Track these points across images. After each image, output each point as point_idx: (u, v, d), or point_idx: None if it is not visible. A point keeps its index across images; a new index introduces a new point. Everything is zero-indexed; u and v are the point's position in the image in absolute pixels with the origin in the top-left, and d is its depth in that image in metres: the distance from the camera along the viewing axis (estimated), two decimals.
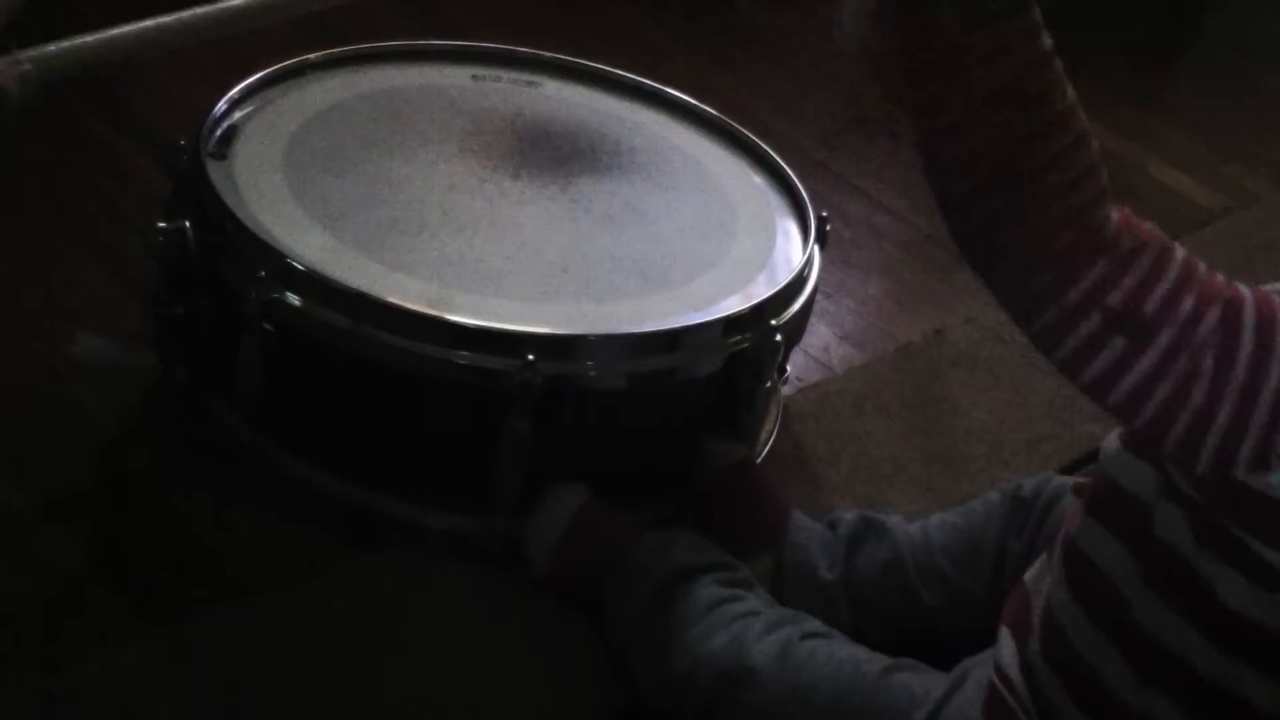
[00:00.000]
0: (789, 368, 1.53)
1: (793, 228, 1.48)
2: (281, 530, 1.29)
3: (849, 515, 1.31)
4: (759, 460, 1.43)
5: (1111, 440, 0.98)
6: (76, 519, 1.28)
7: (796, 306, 1.37)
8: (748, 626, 1.15)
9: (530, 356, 1.20)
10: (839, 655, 1.12)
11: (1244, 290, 0.86)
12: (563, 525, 1.27)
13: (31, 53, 0.93)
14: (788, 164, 1.55)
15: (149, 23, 1.08)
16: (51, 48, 0.97)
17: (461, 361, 1.21)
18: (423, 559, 1.29)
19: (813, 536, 1.29)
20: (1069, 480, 1.23)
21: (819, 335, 1.67)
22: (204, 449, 1.34)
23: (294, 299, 1.22)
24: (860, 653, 1.13)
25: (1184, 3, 2.96)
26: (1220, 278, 0.86)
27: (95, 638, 1.17)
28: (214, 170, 1.31)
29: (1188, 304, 0.84)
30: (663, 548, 1.23)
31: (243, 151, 1.36)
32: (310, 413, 1.31)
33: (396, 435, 1.29)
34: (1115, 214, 0.86)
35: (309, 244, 1.27)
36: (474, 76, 1.60)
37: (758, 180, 1.55)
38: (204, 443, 1.34)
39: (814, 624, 1.17)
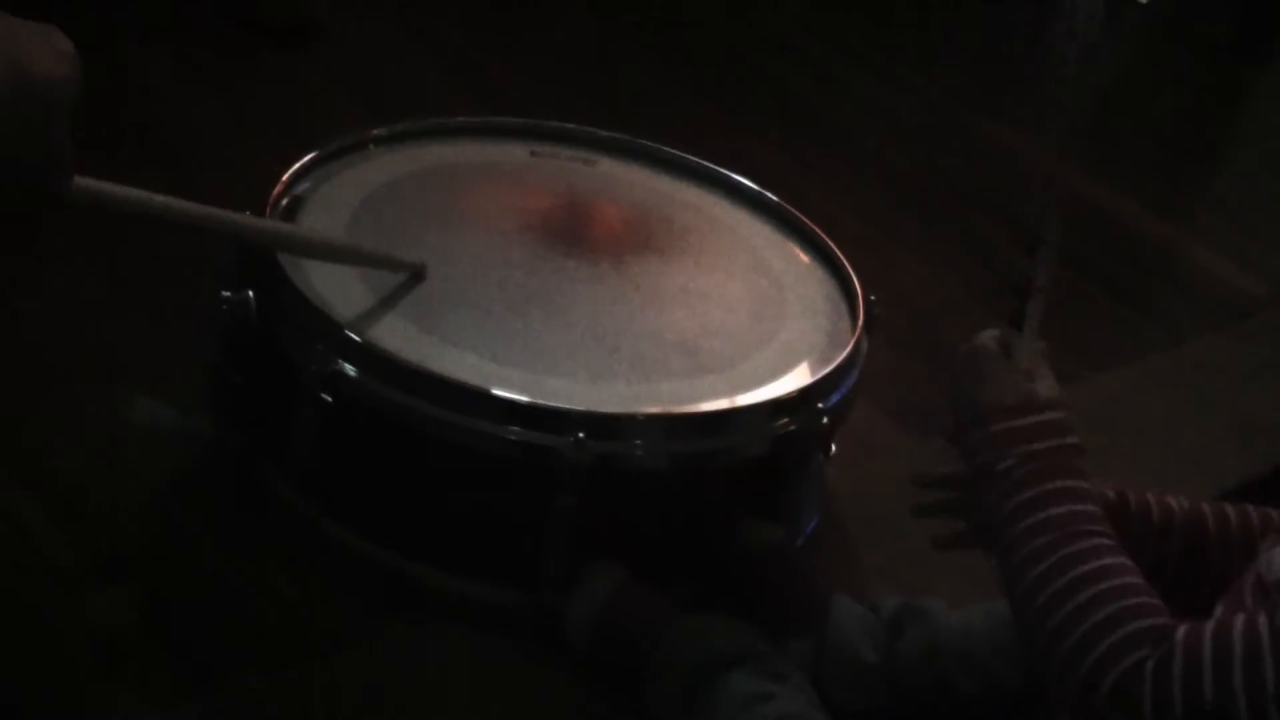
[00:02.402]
0: (834, 447, 1.54)
1: (842, 309, 1.50)
2: (327, 598, 1.30)
3: (891, 601, 1.31)
4: (801, 542, 1.44)
5: None
6: (125, 580, 1.29)
7: (844, 390, 1.38)
8: None
9: (580, 434, 1.22)
10: None
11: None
12: (600, 605, 1.28)
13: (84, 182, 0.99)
14: (836, 244, 1.57)
15: (203, 208, 1.15)
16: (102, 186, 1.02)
17: (512, 438, 1.23)
18: (466, 632, 1.30)
19: (855, 618, 1.30)
20: None
21: (863, 415, 1.67)
22: (255, 515, 1.36)
23: (351, 371, 1.25)
24: None
25: (1229, 89, 2.97)
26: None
27: (142, 701, 1.18)
28: None
29: None
30: (698, 632, 1.24)
31: (306, 223, 1.40)
32: (361, 482, 1.33)
33: (445, 507, 1.30)
34: None
35: (367, 317, 1.30)
36: (532, 153, 1.63)
37: (807, 261, 1.57)
38: (255, 509, 1.36)
39: None
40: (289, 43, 2.17)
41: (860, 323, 1.44)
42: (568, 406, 1.24)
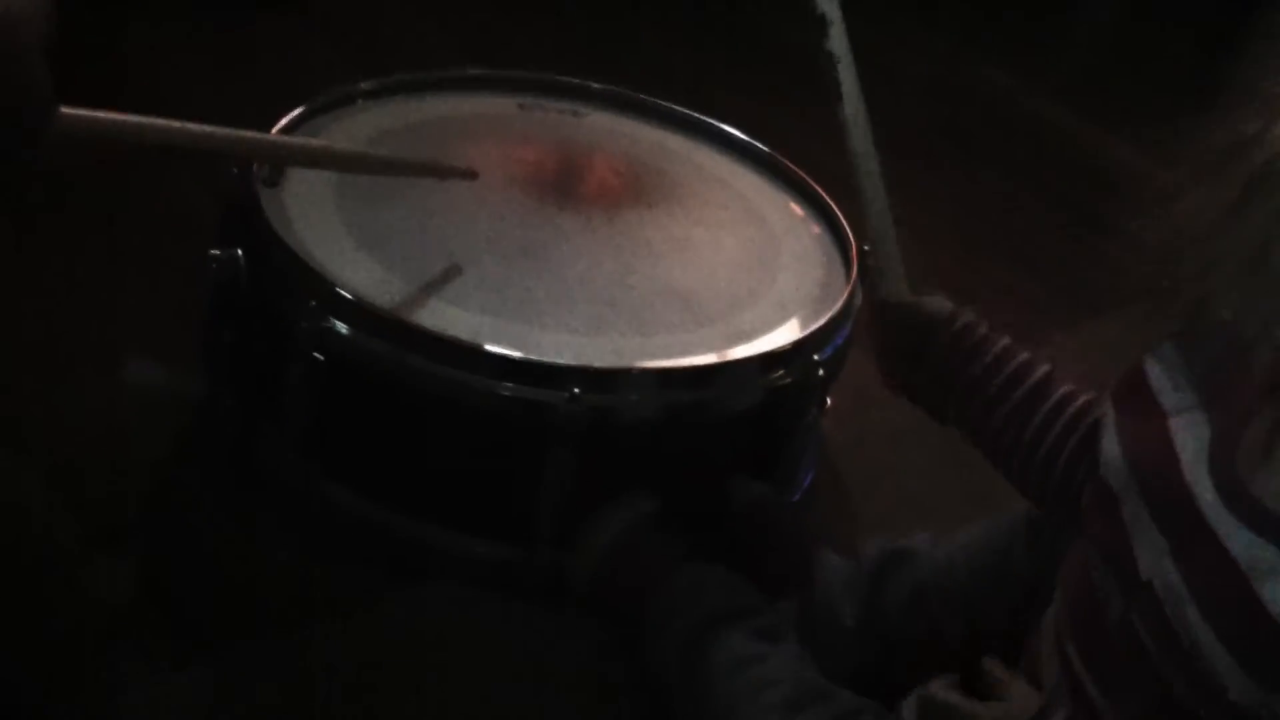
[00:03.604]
0: (829, 400, 1.54)
1: (836, 261, 1.49)
2: (325, 557, 1.30)
3: (876, 548, 1.30)
4: (798, 495, 1.43)
5: None
6: (123, 545, 1.29)
7: (838, 342, 1.37)
8: (768, 702, 1.11)
9: (575, 389, 1.21)
10: None
11: None
12: (610, 541, 1.27)
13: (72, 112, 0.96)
14: (832, 196, 1.56)
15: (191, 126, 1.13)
16: (89, 113, 0.99)
17: (506, 393, 1.23)
18: (463, 589, 1.30)
19: (838, 576, 1.29)
20: None
21: (859, 366, 1.67)
22: (251, 475, 1.35)
23: (343, 328, 1.24)
24: None
25: (1226, 31, 2.95)
26: None
27: (141, 667, 1.18)
28: (266, 198, 1.33)
29: None
30: (696, 585, 1.24)
31: (295, 179, 1.38)
32: (356, 440, 1.32)
33: (440, 465, 1.30)
34: None
35: (358, 273, 1.29)
36: (520, 105, 1.61)
37: (800, 212, 1.56)
38: (251, 469, 1.36)
39: (842, 702, 1.11)
40: (282, 5, 2.15)
41: (854, 274, 1.43)
42: (562, 361, 1.23)
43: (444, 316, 1.26)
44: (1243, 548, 0.80)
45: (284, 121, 1.42)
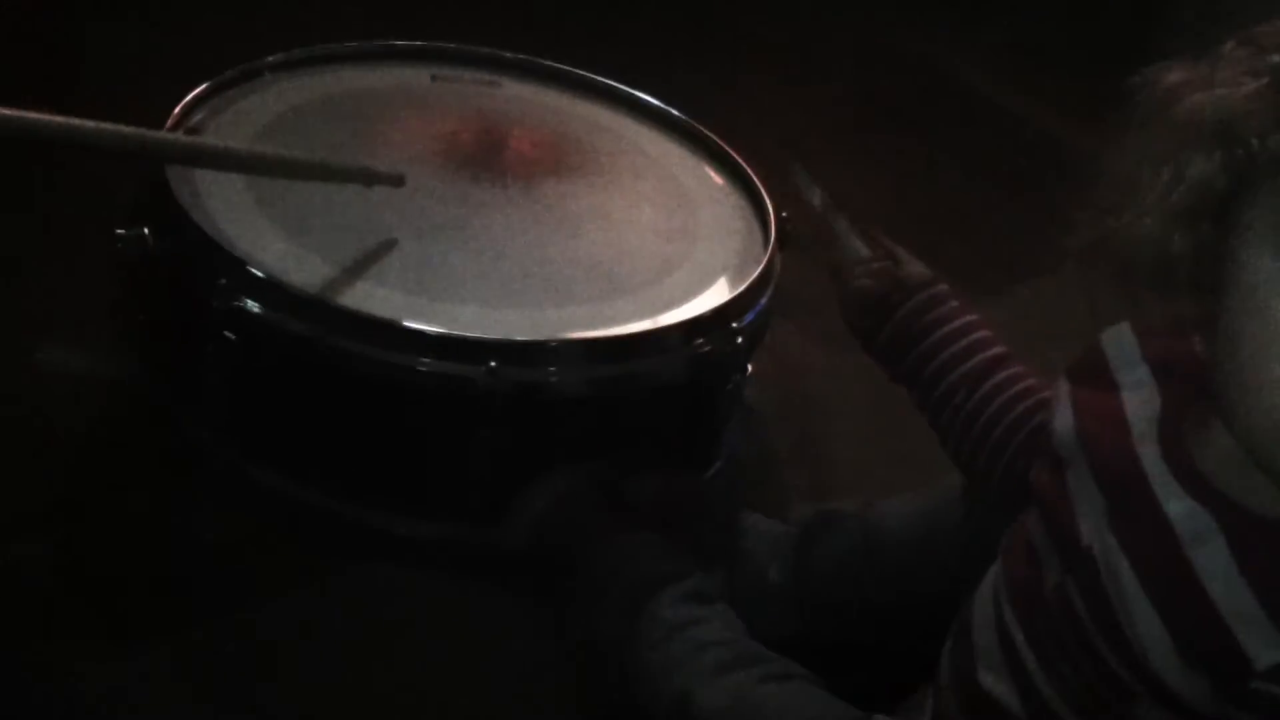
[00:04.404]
0: (750, 368, 1.54)
1: (755, 229, 1.48)
2: (248, 541, 1.28)
3: (806, 510, 1.31)
4: (724, 464, 1.43)
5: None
6: (43, 532, 1.27)
7: (759, 308, 1.37)
8: (701, 665, 1.10)
9: (493, 363, 1.20)
10: (794, 706, 1.07)
11: None
12: (551, 498, 1.26)
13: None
14: (750, 162, 1.55)
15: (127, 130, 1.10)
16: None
17: (424, 369, 1.21)
18: (392, 568, 1.29)
19: (763, 539, 1.29)
20: None
21: (782, 335, 1.67)
22: (170, 458, 1.33)
23: (255, 307, 1.21)
24: (823, 706, 1.07)
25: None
26: None
27: (65, 656, 1.16)
28: (174, 175, 1.30)
29: None
30: (632, 552, 1.23)
31: None
32: (275, 421, 1.30)
33: (361, 443, 1.28)
34: None
35: (271, 251, 1.26)
36: (433, 77, 1.59)
37: (719, 181, 1.55)
38: (170, 452, 1.33)
39: (774, 664, 1.10)
40: None
41: (773, 241, 1.42)
42: (480, 335, 1.22)
43: (358, 293, 1.24)
44: (1180, 514, 0.82)
45: (190, 97, 1.40)
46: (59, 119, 1.03)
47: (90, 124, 1.06)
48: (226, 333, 1.22)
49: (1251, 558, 0.79)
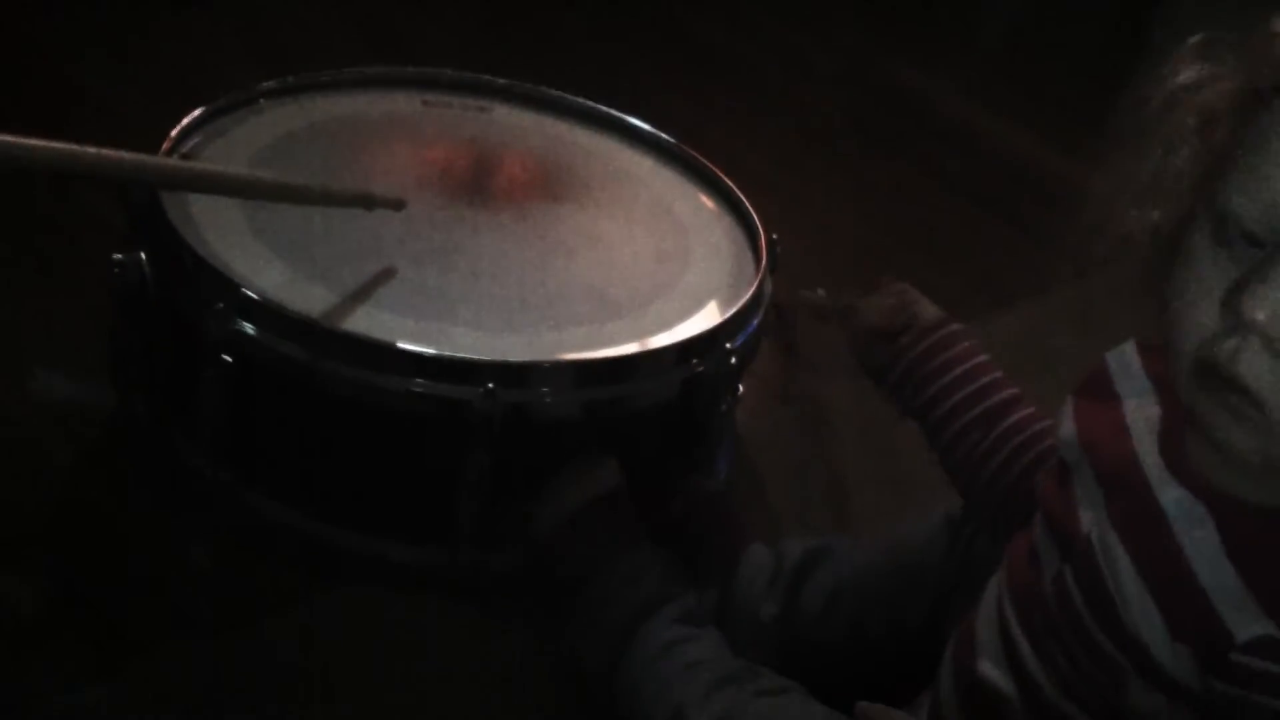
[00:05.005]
0: (740, 388, 1.54)
1: (746, 251, 1.49)
2: (244, 566, 1.28)
3: (796, 548, 1.31)
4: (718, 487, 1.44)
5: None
6: (37, 558, 1.27)
7: (750, 330, 1.38)
8: (694, 683, 1.11)
9: (490, 385, 1.21)
10: (789, 718, 1.09)
11: None
12: (586, 499, 1.26)
13: None
14: (741, 186, 1.56)
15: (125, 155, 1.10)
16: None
17: (420, 391, 1.22)
18: (385, 593, 1.29)
19: (763, 571, 1.30)
20: None
21: (772, 358, 1.68)
22: (165, 484, 1.33)
23: (251, 330, 1.22)
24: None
25: (1129, 21, 3.01)
26: None
27: (59, 679, 1.16)
28: (169, 200, 1.31)
29: None
30: (636, 573, 1.23)
31: None
32: (270, 445, 1.31)
33: (357, 467, 1.29)
34: None
35: (266, 275, 1.27)
36: (425, 103, 1.60)
37: (709, 204, 1.56)
38: (165, 478, 1.33)
39: (767, 679, 1.12)
40: (180, 1, 2.12)
41: (763, 263, 1.44)
42: (476, 357, 1.23)
43: (355, 316, 1.25)
44: (1173, 502, 0.87)
45: (184, 123, 1.40)
46: (58, 145, 1.04)
47: (90, 150, 1.07)
48: (224, 356, 1.22)
49: (1237, 541, 0.84)
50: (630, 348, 1.30)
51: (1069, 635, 0.91)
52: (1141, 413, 0.94)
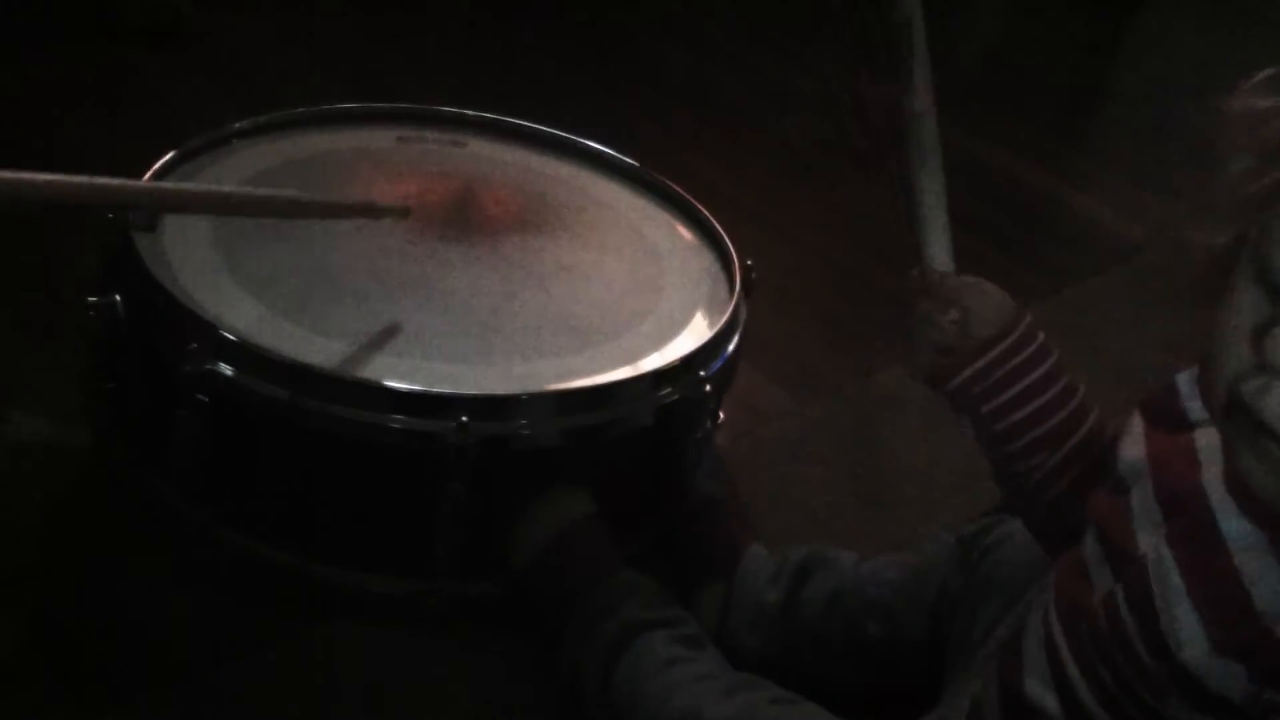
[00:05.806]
0: (721, 414, 1.55)
1: (720, 277, 1.50)
2: (222, 605, 1.28)
3: (799, 549, 1.34)
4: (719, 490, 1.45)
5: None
6: (12, 602, 1.26)
7: (725, 356, 1.38)
8: (707, 689, 1.14)
9: (464, 418, 1.21)
10: None
11: None
12: (558, 529, 1.28)
13: None
14: (715, 212, 1.57)
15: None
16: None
17: (395, 425, 1.22)
18: (366, 627, 1.29)
19: (765, 566, 1.33)
20: (1015, 527, 1.23)
21: (751, 382, 1.69)
22: (141, 525, 1.33)
23: (227, 370, 1.22)
24: None
25: (1104, 37, 3.02)
26: None
27: None
28: (142, 242, 1.31)
29: None
30: (624, 593, 1.24)
31: (171, 223, 1.36)
32: (247, 483, 1.31)
33: (334, 502, 1.29)
34: None
35: (241, 314, 1.27)
36: (399, 138, 1.61)
37: (683, 231, 1.57)
38: (141, 519, 1.33)
39: (777, 690, 1.15)
40: (154, 43, 2.13)
41: (737, 290, 1.44)
42: (450, 390, 1.23)
43: (328, 352, 1.26)
44: (1234, 531, 0.88)
45: (157, 166, 1.41)
46: (43, 177, 1.04)
47: (80, 179, 1.07)
48: (199, 396, 1.23)
49: None
50: (604, 377, 1.31)
51: (1115, 650, 0.92)
52: (1210, 438, 0.94)
